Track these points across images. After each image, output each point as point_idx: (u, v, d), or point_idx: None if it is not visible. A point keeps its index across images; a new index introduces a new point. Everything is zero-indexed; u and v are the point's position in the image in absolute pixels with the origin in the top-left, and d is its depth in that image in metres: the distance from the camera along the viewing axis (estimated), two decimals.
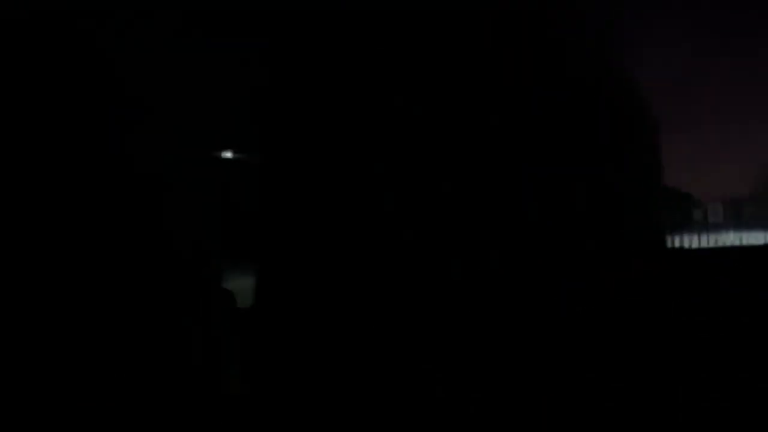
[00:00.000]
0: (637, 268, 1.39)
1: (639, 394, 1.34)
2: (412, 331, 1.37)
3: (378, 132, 1.38)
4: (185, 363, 1.38)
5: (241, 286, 1.49)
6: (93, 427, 1.34)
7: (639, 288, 1.38)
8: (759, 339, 1.36)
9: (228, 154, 1.55)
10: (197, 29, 1.46)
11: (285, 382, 1.36)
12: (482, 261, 1.38)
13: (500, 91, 1.38)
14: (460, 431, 1.34)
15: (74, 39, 1.46)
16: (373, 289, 1.37)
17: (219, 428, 1.35)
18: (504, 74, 1.37)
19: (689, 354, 1.34)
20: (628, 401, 1.33)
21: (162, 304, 1.40)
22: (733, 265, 1.38)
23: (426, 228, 1.37)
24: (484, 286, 1.38)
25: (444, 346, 1.36)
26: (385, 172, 1.37)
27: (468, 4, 1.37)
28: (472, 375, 1.35)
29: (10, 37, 1.42)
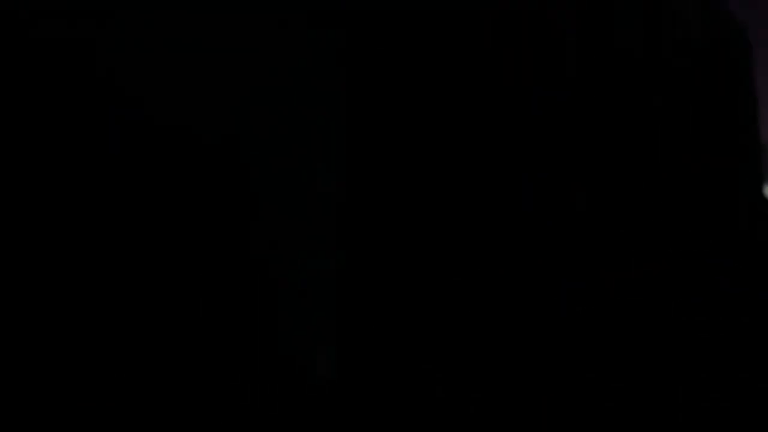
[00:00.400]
0: (637, 268, 1.39)
1: (639, 394, 1.34)
2: (412, 330, 1.37)
3: (378, 132, 1.38)
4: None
5: None
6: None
7: (639, 288, 1.38)
8: (759, 339, 1.36)
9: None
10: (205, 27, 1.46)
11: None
12: (482, 261, 1.38)
13: (500, 91, 1.38)
14: (460, 431, 1.35)
15: (74, 38, 1.46)
16: (372, 288, 1.37)
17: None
18: (504, 74, 1.37)
19: (689, 354, 1.34)
20: (628, 401, 1.34)
21: (158, 301, 1.40)
22: (733, 264, 1.38)
23: (424, 227, 1.37)
24: (483, 285, 1.38)
25: (444, 346, 1.36)
26: (387, 172, 1.37)
27: (468, 4, 1.38)
28: (472, 375, 1.35)
29: (10, 37, 1.42)
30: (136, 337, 1.44)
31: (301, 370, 1.36)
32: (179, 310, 1.44)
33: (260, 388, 1.37)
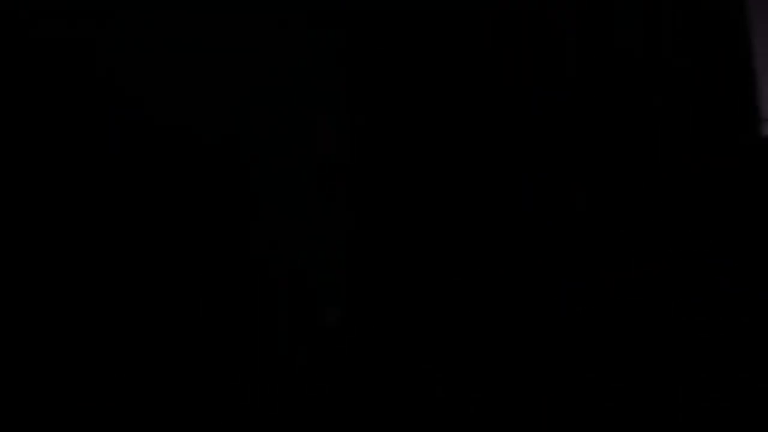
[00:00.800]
0: (637, 268, 1.38)
1: (639, 394, 1.33)
2: (412, 331, 1.37)
3: (378, 132, 1.38)
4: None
5: None
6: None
7: (639, 288, 1.38)
8: (759, 339, 1.36)
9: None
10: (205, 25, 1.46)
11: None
12: (481, 261, 1.38)
13: (500, 91, 1.38)
14: (460, 431, 1.34)
15: (74, 38, 1.45)
16: (372, 288, 1.37)
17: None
18: (504, 74, 1.37)
19: (689, 354, 1.34)
20: (628, 401, 1.33)
21: (158, 300, 1.40)
22: (733, 264, 1.38)
23: (424, 228, 1.37)
24: (483, 285, 1.38)
25: (444, 346, 1.36)
26: (385, 172, 1.37)
27: (468, 4, 1.37)
28: (472, 375, 1.35)
29: (9, 37, 1.42)
30: (137, 336, 1.44)
31: (301, 370, 1.36)
32: (179, 309, 1.43)
33: (260, 388, 1.37)
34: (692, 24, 1.36)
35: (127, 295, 1.41)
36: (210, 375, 1.39)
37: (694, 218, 1.37)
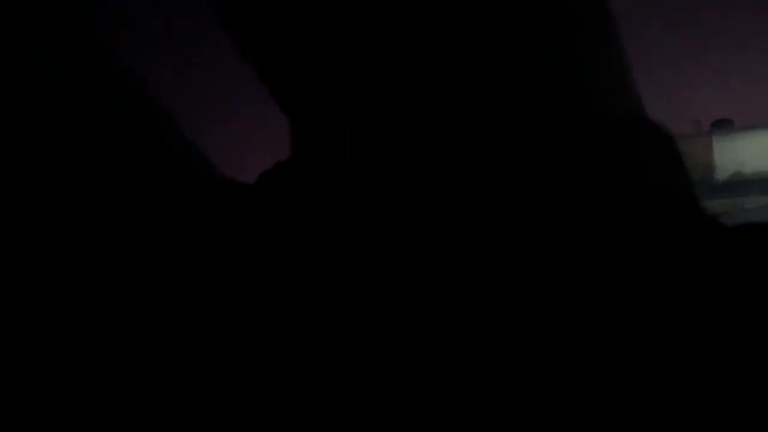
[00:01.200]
0: (637, 268, 1.39)
1: (639, 394, 1.33)
2: (412, 330, 1.38)
3: (378, 132, 1.39)
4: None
5: None
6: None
7: (639, 288, 1.38)
8: (759, 339, 1.35)
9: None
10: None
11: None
12: (482, 260, 1.39)
13: (500, 91, 1.39)
14: (460, 431, 1.35)
15: (74, 38, 1.46)
16: (372, 289, 1.37)
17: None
18: (504, 74, 1.37)
19: (689, 354, 1.34)
20: (628, 401, 1.33)
21: (161, 301, 1.41)
22: (733, 264, 1.38)
23: (425, 229, 1.38)
24: (483, 285, 1.38)
25: (443, 346, 1.36)
26: (382, 173, 1.38)
27: (468, 4, 1.37)
28: (472, 375, 1.35)
29: (9, 37, 1.43)
30: (136, 336, 1.44)
31: (301, 371, 1.37)
32: (179, 309, 1.44)
33: (259, 388, 1.38)
34: None
35: (127, 294, 1.42)
36: (209, 375, 1.39)
37: (693, 218, 1.37)
